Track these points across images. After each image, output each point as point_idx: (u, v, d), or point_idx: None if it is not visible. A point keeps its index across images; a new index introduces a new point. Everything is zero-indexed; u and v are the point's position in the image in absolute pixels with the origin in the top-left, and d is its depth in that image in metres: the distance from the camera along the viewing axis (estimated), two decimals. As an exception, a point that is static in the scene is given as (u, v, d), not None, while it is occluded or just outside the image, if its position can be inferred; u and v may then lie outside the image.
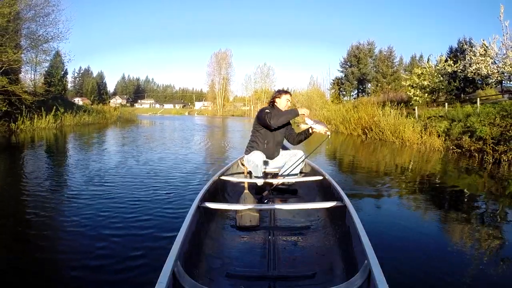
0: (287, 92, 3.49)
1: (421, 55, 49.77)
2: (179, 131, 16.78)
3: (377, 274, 1.25)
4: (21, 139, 10.13)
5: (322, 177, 3.10)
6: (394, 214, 3.15)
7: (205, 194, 2.49)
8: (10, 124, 11.90)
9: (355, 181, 5.26)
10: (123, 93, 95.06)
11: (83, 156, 7.43)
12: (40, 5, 13.98)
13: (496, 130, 8.54)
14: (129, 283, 1.96)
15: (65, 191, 4.30)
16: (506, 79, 17.52)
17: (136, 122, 23.03)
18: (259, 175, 3.30)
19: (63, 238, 2.71)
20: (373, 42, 44.42)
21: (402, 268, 2.08)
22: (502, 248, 2.56)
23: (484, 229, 3.03)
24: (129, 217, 3.15)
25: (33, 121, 12.82)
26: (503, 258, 2.33)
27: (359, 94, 44.01)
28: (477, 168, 6.93)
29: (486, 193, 4.81)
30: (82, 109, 18.40)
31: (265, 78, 73.77)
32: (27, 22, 14.05)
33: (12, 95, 12.32)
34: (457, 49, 27.59)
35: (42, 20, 14.15)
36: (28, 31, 14.32)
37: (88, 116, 17.16)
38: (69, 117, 15.15)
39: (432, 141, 10.43)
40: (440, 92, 21.37)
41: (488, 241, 2.65)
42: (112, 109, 23.33)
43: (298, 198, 3.34)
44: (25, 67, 16.33)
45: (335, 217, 2.33)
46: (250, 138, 3.53)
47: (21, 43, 14.25)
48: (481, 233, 2.86)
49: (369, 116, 14.53)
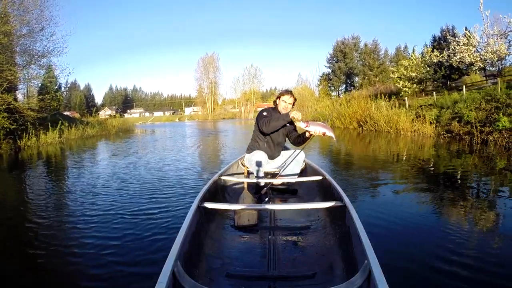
0: (286, 93, 3.37)
1: (406, 45, 51.14)
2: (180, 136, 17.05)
3: (377, 274, 1.26)
4: (30, 156, 10.19)
5: (322, 177, 3.07)
6: (394, 213, 3.13)
7: (205, 194, 2.51)
8: (17, 141, 12.02)
9: (353, 176, 5.31)
10: (112, 104, 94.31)
11: (92, 165, 7.44)
12: (34, 20, 14.00)
13: (482, 114, 9.27)
14: (129, 283, 1.97)
15: (68, 195, 4.36)
16: (488, 65, 18.50)
17: (136, 131, 23.26)
18: (260, 175, 3.27)
19: (64, 238, 2.78)
20: (358, 36, 45.46)
21: (402, 268, 2.07)
22: (504, 242, 2.52)
23: (484, 219, 3.03)
24: (129, 216, 3.20)
25: (38, 137, 12.99)
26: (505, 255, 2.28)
27: (347, 88, 44.85)
28: (467, 149, 7.58)
29: (482, 173, 5.16)
30: (84, 122, 18.73)
31: (252, 79, 74.75)
32: (23, 38, 14.08)
33: (15, 112, 12.41)
34: (440, 37, 28.66)
35: (37, 36, 14.21)
36: (23, 47, 14.25)
37: (90, 129, 17.52)
38: (73, 131, 15.44)
39: (424, 128, 11.11)
40: (427, 82, 22.29)
41: (489, 237, 2.61)
42: (113, 120, 23.56)
43: (298, 198, 3.32)
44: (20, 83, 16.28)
45: (335, 217, 2.33)
46: (252, 138, 3.53)
47: (18, 60, 14.31)
48: (483, 227, 2.82)
49: (363, 110, 15.17)
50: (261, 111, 3.44)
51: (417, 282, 1.95)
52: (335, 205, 2.21)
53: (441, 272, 2.02)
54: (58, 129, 14.04)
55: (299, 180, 3.29)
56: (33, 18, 13.98)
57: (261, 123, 3.22)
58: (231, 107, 79.22)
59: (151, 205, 3.58)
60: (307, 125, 2.81)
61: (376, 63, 43.18)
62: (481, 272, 2.01)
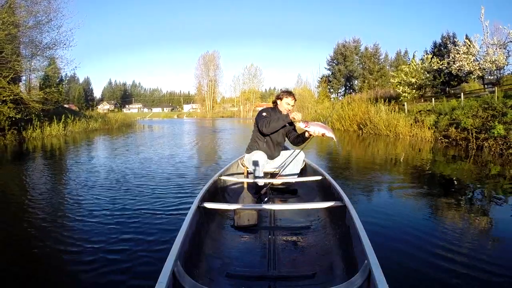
0: (289, 95, 3.37)
1: (406, 50, 51.72)
2: (180, 133, 17.20)
3: (377, 274, 1.26)
4: (35, 147, 10.22)
5: (322, 177, 3.08)
6: (394, 213, 3.14)
7: (205, 194, 2.51)
8: (21, 132, 12.12)
9: (353, 176, 5.34)
10: (111, 99, 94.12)
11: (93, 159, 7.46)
12: (42, 11, 13.88)
13: (478, 121, 9.61)
14: (129, 284, 1.97)
15: (70, 192, 4.34)
16: (487, 74, 18.93)
17: (137, 126, 23.35)
18: (260, 175, 3.27)
19: (63, 236, 2.74)
20: (359, 40, 45.84)
21: (402, 268, 2.08)
22: (503, 242, 2.61)
23: (483, 221, 3.13)
24: (129, 216, 3.19)
25: (43, 129, 13.12)
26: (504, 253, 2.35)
27: (347, 91, 45.15)
28: (463, 154, 7.89)
29: (477, 178, 5.37)
30: (87, 116, 18.94)
31: (252, 78, 74.68)
32: (30, 29, 14.04)
33: (20, 103, 12.49)
34: (441, 44, 29.03)
35: (44, 27, 14.15)
36: (29, 39, 14.18)
37: (94, 122, 17.74)
38: (78, 124, 15.63)
39: (422, 133, 11.41)
40: (427, 88, 22.71)
41: (485, 237, 2.69)
42: (116, 115, 23.77)
43: (298, 198, 3.32)
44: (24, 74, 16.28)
45: (335, 217, 2.33)
46: (251, 138, 3.51)
47: (24, 51, 14.34)
48: (478, 229, 2.90)
49: (363, 113, 15.46)
50: (260, 111, 3.42)
51: (417, 282, 1.96)
52: (335, 205, 2.22)
53: (441, 272, 2.04)
54: (63, 121, 14.22)
55: (299, 180, 3.31)
56: (40, 9, 13.98)
57: (260, 124, 3.22)
58: (230, 106, 79.30)
59: (151, 205, 3.56)
60: (306, 126, 2.85)
61: (376, 67, 43.57)
62: (478, 271, 2.03)
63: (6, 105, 11.48)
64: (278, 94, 3.45)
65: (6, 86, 11.77)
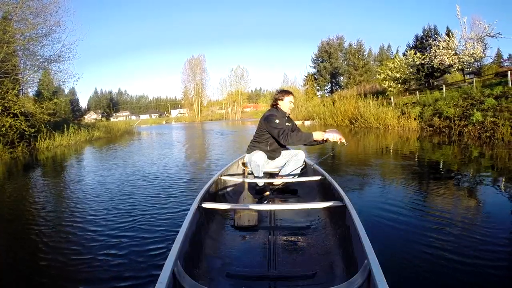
0: (289, 93, 3.38)
1: (389, 45, 53.27)
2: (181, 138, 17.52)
3: (377, 274, 1.26)
4: (45, 158, 10.29)
5: (322, 177, 3.06)
6: (394, 213, 3.11)
7: (205, 194, 2.51)
8: (31, 144, 12.21)
9: (349, 173, 5.32)
10: (97, 108, 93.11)
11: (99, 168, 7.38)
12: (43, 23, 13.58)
13: (459, 110, 10.70)
14: (129, 284, 1.97)
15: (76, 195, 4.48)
16: (466, 67, 20.38)
17: (138, 134, 23.54)
18: (260, 175, 3.26)
19: (64, 237, 2.80)
20: (342, 37, 46.84)
21: (402, 268, 2.07)
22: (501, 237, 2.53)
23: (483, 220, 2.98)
24: (129, 217, 3.22)
25: (53, 139, 13.42)
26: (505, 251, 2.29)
27: (333, 88, 46.11)
28: (447, 140, 8.85)
29: (463, 164, 5.88)
30: (90, 125, 19.44)
31: (239, 80, 74.93)
32: (31, 42, 13.60)
33: (29, 116, 12.56)
34: (422, 37, 30.37)
35: (44, 40, 13.95)
36: (31, 51, 13.90)
37: (98, 131, 18.37)
38: (84, 133, 16.14)
39: (409, 124, 12.48)
40: (411, 81, 24.04)
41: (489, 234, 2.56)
42: (118, 123, 24.17)
43: (298, 198, 3.30)
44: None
45: (335, 217, 2.32)
46: (253, 138, 3.46)
47: (27, 63, 14.38)
48: (481, 227, 2.75)
49: (353, 108, 16.45)
50: (269, 115, 3.28)
51: (417, 281, 1.94)
52: (335, 205, 2.21)
53: (441, 271, 2.02)
54: (70, 132, 14.67)
55: (299, 180, 3.31)
56: (41, 22, 13.62)
57: (280, 133, 3.08)
58: (217, 108, 79.59)
59: (151, 205, 3.59)
60: (329, 134, 3.05)
61: (361, 63, 44.57)
62: (479, 270, 2.01)
63: (18, 118, 11.81)
64: (277, 96, 3.42)
65: (14, 100, 12.04)
